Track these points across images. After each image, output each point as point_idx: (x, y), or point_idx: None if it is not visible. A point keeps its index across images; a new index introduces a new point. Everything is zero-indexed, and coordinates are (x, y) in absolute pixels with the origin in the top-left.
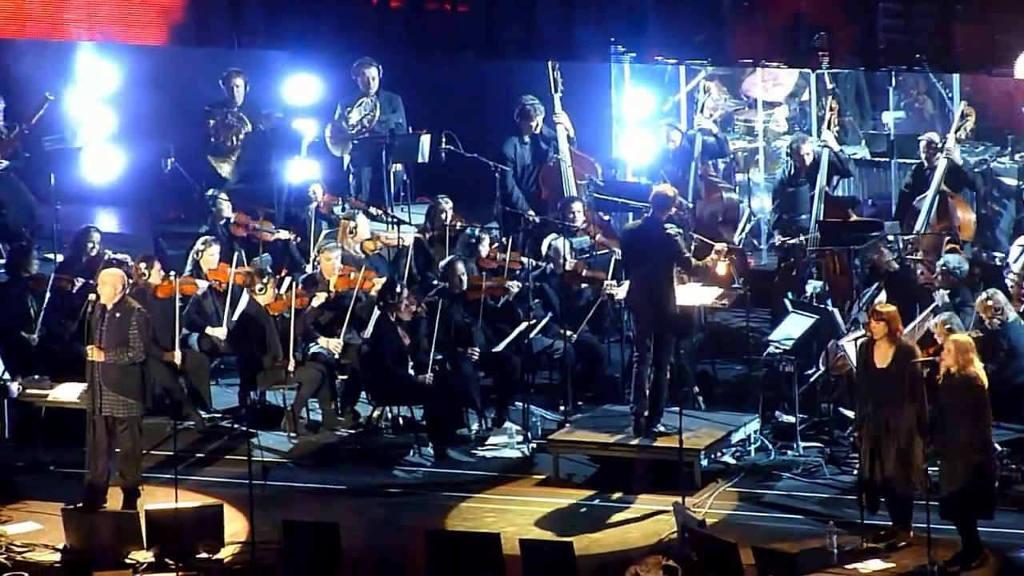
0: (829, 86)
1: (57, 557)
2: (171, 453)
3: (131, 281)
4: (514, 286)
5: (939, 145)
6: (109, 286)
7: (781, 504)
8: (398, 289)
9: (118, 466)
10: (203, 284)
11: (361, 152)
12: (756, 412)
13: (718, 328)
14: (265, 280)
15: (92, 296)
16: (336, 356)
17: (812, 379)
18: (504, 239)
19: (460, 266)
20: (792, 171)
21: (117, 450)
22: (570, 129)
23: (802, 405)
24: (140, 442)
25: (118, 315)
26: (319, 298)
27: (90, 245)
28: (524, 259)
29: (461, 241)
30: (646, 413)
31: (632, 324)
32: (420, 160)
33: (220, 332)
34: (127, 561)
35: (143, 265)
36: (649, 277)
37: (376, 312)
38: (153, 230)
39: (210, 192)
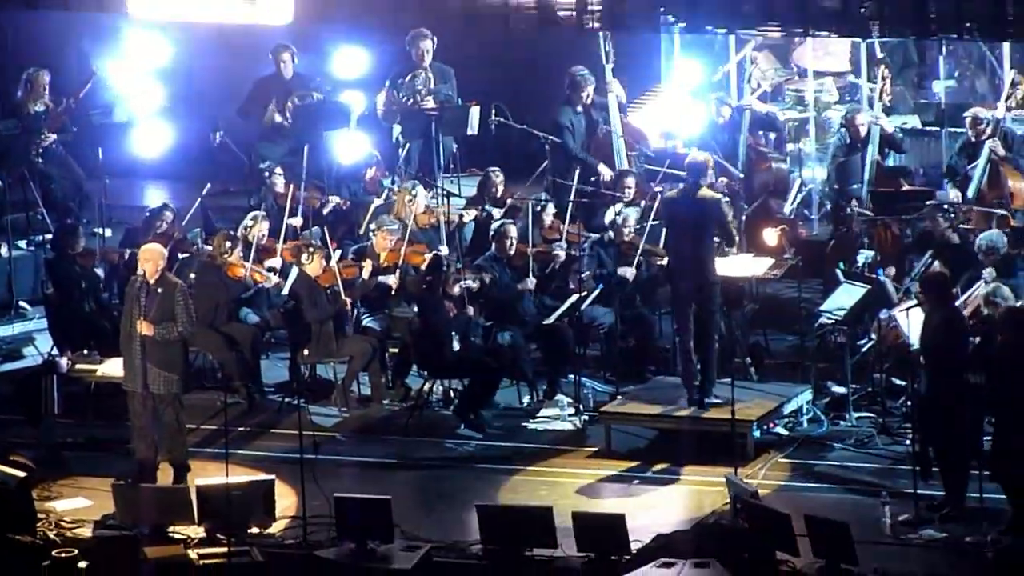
0: (879, 55)
1: (107, 533)
2: (221, 427)
3: (207, 256)
4: (561, 252)
5: (985, 120)
6: (152, 262)
7: (834, 475)
8: (444, 266)
9: (164, 442)
10: (274, 278)
11: (411, 125)
12: (808, 383)
13: (770, 299)
14: (311, 250)
15: (138, 273)
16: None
17: (864, 349)
18: (554, 210)
19: (512, 230)
20: (847, 141)
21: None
22: (622, 96)
23: (854, 375)
24: (184, 416)
25: (160, 290)
26: (367, 267)
27: (163, 223)
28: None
29: (525, 211)
30: (695, 383)
31: (672, 294)
32: (470, 132)
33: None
34: (178, 536)
35: (227, 244)
36: (690, 245)
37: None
38: (202, 204)
39: (264, 165)
